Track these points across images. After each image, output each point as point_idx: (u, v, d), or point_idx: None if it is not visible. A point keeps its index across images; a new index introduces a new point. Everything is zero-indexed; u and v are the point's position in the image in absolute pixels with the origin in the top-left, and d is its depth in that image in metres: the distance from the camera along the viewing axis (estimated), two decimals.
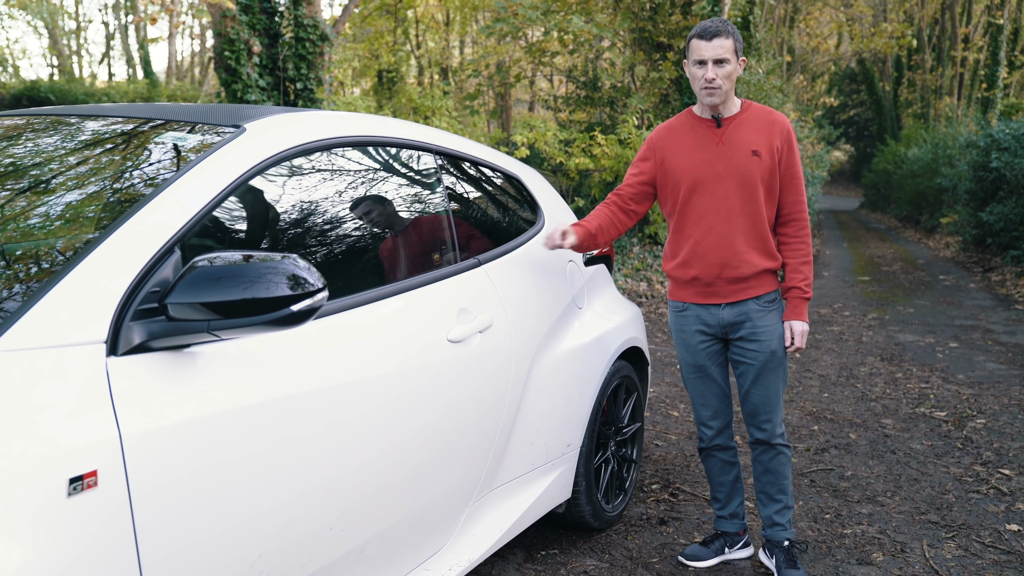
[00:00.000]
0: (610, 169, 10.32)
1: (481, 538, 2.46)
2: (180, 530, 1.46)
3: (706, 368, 2.87)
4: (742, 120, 2.72)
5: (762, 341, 2.75)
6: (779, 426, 2.85)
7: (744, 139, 2.69)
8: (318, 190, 2.04)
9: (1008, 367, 6.21)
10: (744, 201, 2.69)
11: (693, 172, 2.72)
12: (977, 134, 14.65)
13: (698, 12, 11.55)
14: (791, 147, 2.72)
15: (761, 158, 2.67)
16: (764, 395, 2.81)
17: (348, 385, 1.85)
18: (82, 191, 1.78)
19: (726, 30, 2.60)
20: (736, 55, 2.63)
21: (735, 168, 2.68)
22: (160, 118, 2.06)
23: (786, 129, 2.72)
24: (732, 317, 2.77)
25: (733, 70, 2.63)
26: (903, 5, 28.70)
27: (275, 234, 1.91)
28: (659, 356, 6.55)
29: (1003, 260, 11.82)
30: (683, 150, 2.76)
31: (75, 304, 1.40)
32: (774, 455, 2.86)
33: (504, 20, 11.60)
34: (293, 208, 1.97)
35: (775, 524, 2.88)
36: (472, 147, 2.83)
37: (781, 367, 2.80)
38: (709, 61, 2.60)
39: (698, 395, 2.93)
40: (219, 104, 2.27)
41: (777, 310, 2.79)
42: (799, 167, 2.75)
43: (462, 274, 2.42)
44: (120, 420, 1.37)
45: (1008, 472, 3.92)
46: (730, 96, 2.70)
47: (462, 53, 29.03)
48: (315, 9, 9.38)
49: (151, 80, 20.15)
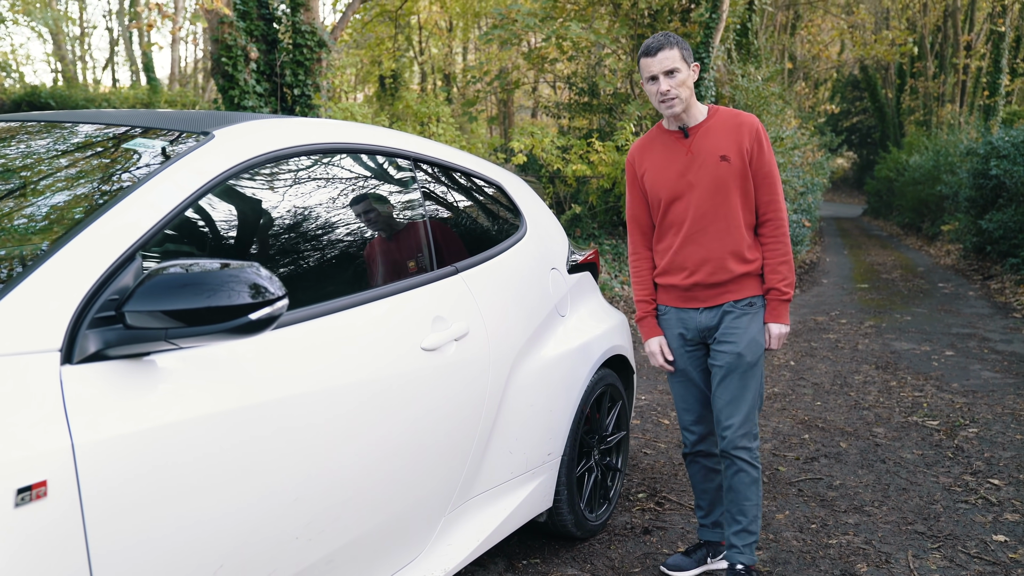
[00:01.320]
0: (607, 176, 10.31)
1: (458, 547, 2.45)
2: (135, 542, 1.44)
3: (687, 372, 2.85)
4: (709, 127, 2.72)
5: (731, 343, 2.72)
6: (742, 438, 2.71)
7: (712, 145, 2.69)
8: (288, 197, 2.03)
9: (1003, 376, 6.18)
10: (717, 207, 2.68)
11: (668, 186, 2.74)
12: (978, 141, 14.62)
13: (696, 19, 11.56)
14: (761, 146, 2.70)
15: (731, 162, 2.67)
16: (726, 398, 2.72)
17: (315, 393, 1.83)
18: (43, 198, 1.77)
19: (668, 42, 2.62)
20: (686, 62, 2.64)
21: (706, 176, 2.68)
22: (131, 125, 2.05)
23: (754, 129, 2.70)
24: (709, 321, 2.76)
25: (686, 77, 2.64)
26: (906, 12, 28.69)
27: (243, 242, 1.90)
28: (650, 365, 6.52)
29: (1002, 268, 11.79)
30: (657, 166, 2.78)
31: (29, 312, 1.38)
32: (734, 470, 2.73)
33: (503, 27, 11.61)
34: (262, 215, 1.96)
35: (732, 545, 2.77)
36: (451, 154, 2.82)
37: (749, 373, 2.71)
38: (659, 75, 2.62)
39: (680, 399, 2.91)
40: (191, 111, 2.27)
41: (753, 314, 2.74)
42: (772, 166, 2.73)
43: (438, 282, 2.41)
44: (73, 429, 1.36)
45: (997, 482, 3.89)
46: (692, 104, 2.71)
47: (465, 59, 29.09)
48: (313, 15, 9.40)
49: (152, 86, 20.20)
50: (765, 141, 2.72)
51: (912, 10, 28.46)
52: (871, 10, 25.56)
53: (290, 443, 1.76)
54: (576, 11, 12.23)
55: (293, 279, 1.99)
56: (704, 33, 11.30)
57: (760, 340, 2.74)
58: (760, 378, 2.76)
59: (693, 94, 2.70)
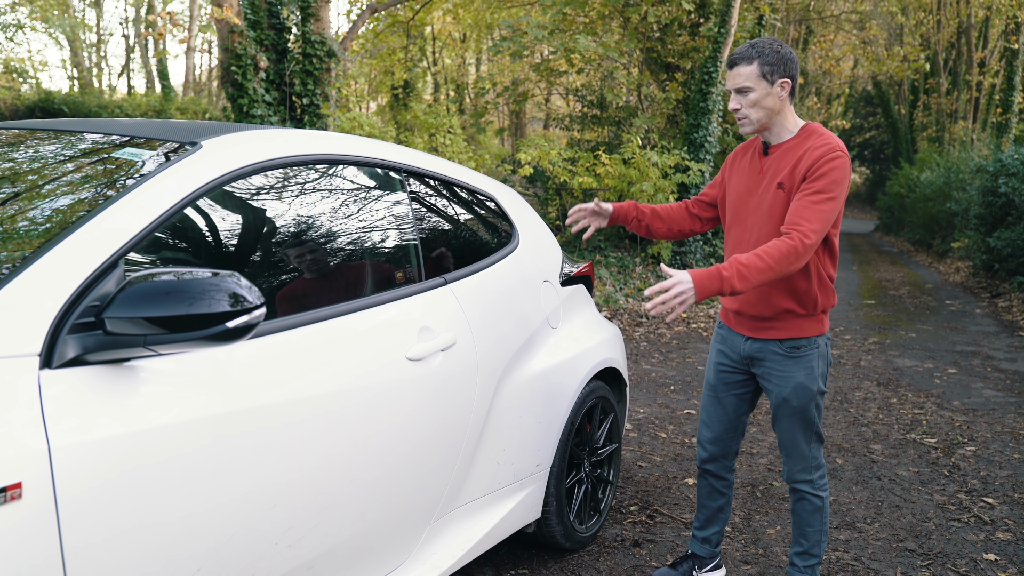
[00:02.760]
0: (614, 188, 10.33)
1: (442, 556, 2.46)
2: (111, 545, 1.47)
3: (718, 391, 2.81)
4: (788, 148, 2.53)
5: (775, 384, 2.64)
6: (800, 472, 2.70)
7: (780, 169, 2.52)
8: (274, 208, 2.06)
9: (1005, 394, 6.15)
10: (768, 236, 2.52)
11: (734, 203, 2.66)
12: (988, 159, 14.58)
13: (706, 33, 11.60)
14: (815, 175, 2.40)
15: (784, 191, 2.49)
16: (780, 437, 2.72)
17: (297, 401, 1.86)
18: (28, 205, 1.80)
19: (749, 55, 2.46)
20: (766, 79, 2.45)
21: (764, 202, 2.55)
22: (119, 134, 2.09)
23: (814, 156, 2.42)
24: (752, 351, 2.67)
25: (761, 96, 2.46)
26: (919, 29, 28.65)
27: (228, 251, 1.93)
28: (654, 377, 6.53)
29: (1010, 286, 11.73)
30: (736, 175, 2.68)
31: (9, 316, 1.42)
32: (797, 498, 2.75)
33: (513, 39, 11.68)
34: (247, 225, 1.99)
35: (793, 564, 2.80)
36: (442, 165, 2.85)
37: (796, 417, 2.63)
38: (732, 91, 2.51)
39: (705, 413, 2.86)
40: (183, 121, 2.31)
41: (800, 358, 2.60)
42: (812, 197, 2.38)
43: (425, 293, 2.43)
44: (50, 433, 1.38)
45: (992, 501, 3.88)
46: (776, 122, 2.53)
47: (478, 70, 29.22)
48: (323, 26, 9.48)
49: (166, 93, 20.38)
50: (821, 169, 2.40)
51: (926, 26, 28.41)
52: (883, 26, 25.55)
53: (271, 449, 1.78)
54: (586, 24, 12.29)
55: (277, 288, 2.02)
56: (713, 47, 11.33)
57: (810, 385, 2.60)
58: (813, 417, 2.65)
59: (779, 112, 2.50)
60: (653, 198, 9.96)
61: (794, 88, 2.51)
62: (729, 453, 2.86)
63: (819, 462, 2.71)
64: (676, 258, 11.14)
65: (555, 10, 11.44)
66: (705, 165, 10.98)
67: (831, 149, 2.43)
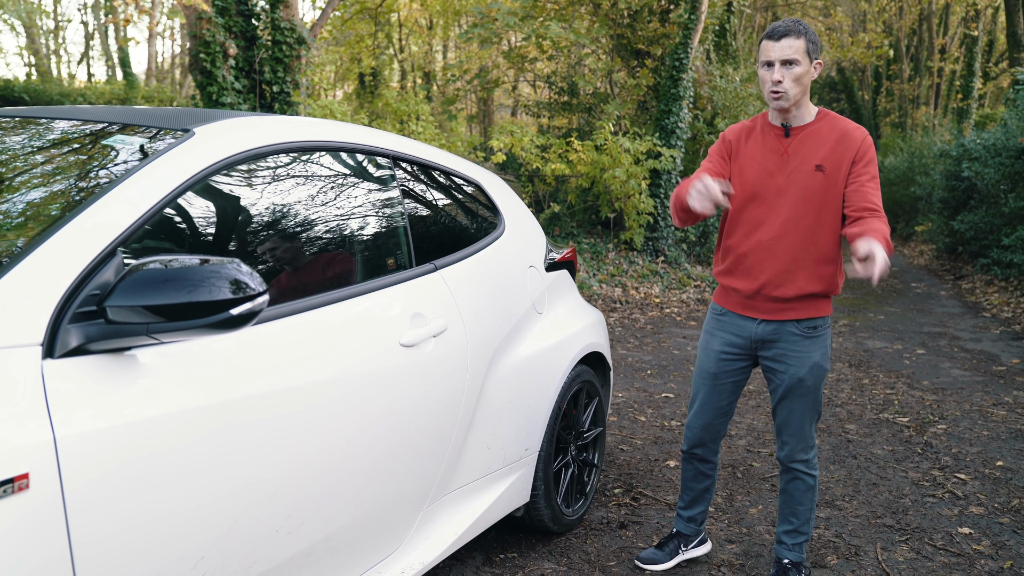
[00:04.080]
0: (586, 175, 10.37)
1: (435, 541, 2.48)
2: (117, 534, 1.46)
3: (719, 379, 2.78)
4: (813, 131, 2.55)
5: (790, 366, 2.64)
6: (800, 452, 2.73)
7: (810, 152, 2.52)
8: (268, 195, 2.05)
9: (972, 373, 6.29)
10: (800, 218, 2.53)
11: (753, 181, 2.60)
12: (951, 144, 14.84)
13: (676, 19, 11.65)
14: (865, 159, 2.49)
15: (825, 174, 2.50)
16: (786, 418, 2.73)
17: (295, 389, 1.86)
18: (23, 194, 1.78)
19: (797, 29, 2.44)
20: (809, 56, 2.45)
21: (796, 183, 2.53)
22: (109, 121, 2.06)
23: (857, 141, 2.50)
24: (765, 334, 2.67)
25: (804, 72, 2.46)
26: (882, 15, 29.00)
27: (224, 238, 1.92)
28: (630, 361, 6.59)
29: (973, 268, 11.97)
30: (748, 155, 2.63)
31: (10, 306, 1.40)
32: (790, 478, 2.79)
33: (483, 25, 11.64)
34: (242, 212, 1.98)
35: (781, 541, 2.84)
36: (429, 152, 2.85)
37: (808, 397, 2.66)
38: (776, 62, 2.45)
39: (699, 401, 2.85)
40: (171, 108, 2.28)
41: (816, 337, 2.63)
42: (875, 177, 2.51)
43: (417, 279, 2.44)
44: (55, 423, 1.38)
45: (964, 476, 3.98)
46: (802, 103, 2.54)
47: (445, 57, 29.07)
48: (292, 12, 9.38)
49: (129, 81, 20.03)
50: (870, 152, 2.51)
51: (888, 13, 28.77)
52: (848, 13, 25.80)
53: (270, 437, 1.78)
54: (556, 10, 12.28)
55: (273, 275, 2.01)
56: (683, 34, 11.39)
57: (824, 364, 2.65)
58: (819, 397, 2.70)
59: (807, 92, 2.52)
60: (626, 184, 10.02)
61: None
62: (718, 437, 2.90)
63: (814, 442, 2.76)
64: (648, 243, 11.21)
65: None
66: (676, 151, 11.05)
67: (865, 133, 2.54)
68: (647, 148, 10.36)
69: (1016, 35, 18.56)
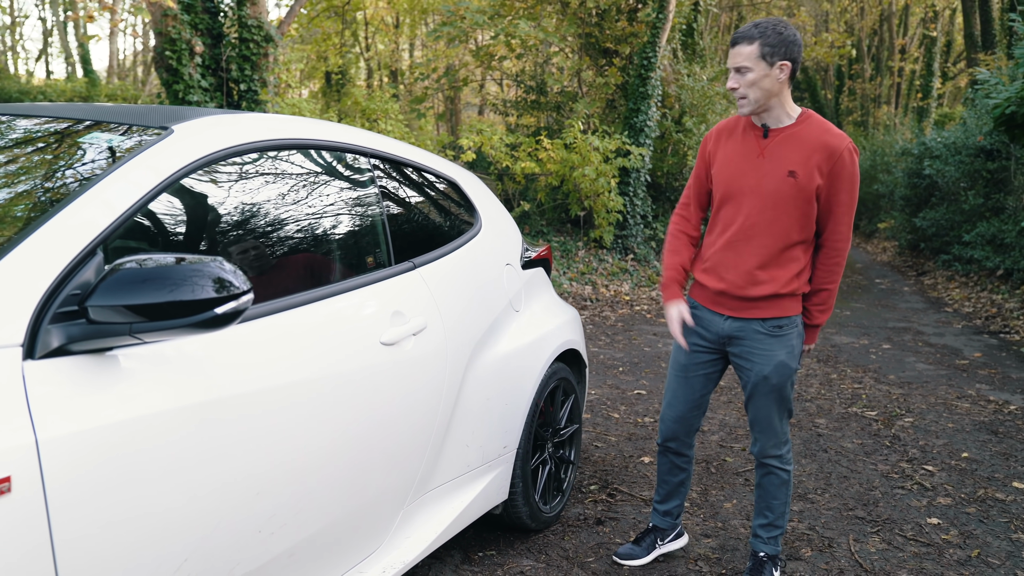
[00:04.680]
0: (556, 173, 10.39)
1: (416, 540, 2.47)
2: (101, 536, 1.44)
3: (689, 371, 2.81)
4: (791, 134, 2.55)
5: (755, 363, 2.67)
6: (772, 448, 2.76)
7: (786, 156, 2.53)
8: (248, 193, 2.04)
9: (936, 367, 6.42)
10: (769, 222, 2.55)
11: (728, 181, 2.63)
12: (912, 142, 15.10)
13: (644, 18, 11.72)
14: (839, 174, 2.51)
15: (797, 180, 2.51)
16: (755, 414, 2.76)
17: (278, 388, 1.85)
18: (1, 192, 1.75)
19: (751, 35, 2.46)
20: (765, 60, 2.45)
21: (767, 186, 2.55)
22: (86, 118, 2.03)
23: (836, 153, 2.50)
24: (732, 331, 2.70)
25: (760, 77, 2.47)
26: (844, 16, 29.42)
27: (203, 237, 1.91)
28: (602, 359, 6.62)
29: (935, 264, 12.19)
30: (727, 156, 2.66)
31: None
32: (764, 472, 2.82)
33: (451, 24, 11.62)
34: (222, 211, 1.96)
35: (756, 535, 2.87)
36: (408, 150, 2.84)
37: (774, 394, 2.69)
38: (730, 69, 2.50)
39: (671, 393, 2.88)
40: (148, 105, 2.25)
41: (782, 336, 2.66)
42: (846, 195, 2.54)
43: (396, 277, 2.43)
44: (36, 425, 1.35)
45: (932, 468, 4.06)
46: (774, 105, 2.54)
47: (412, 56, 28.96)
48: (260, 10, 9.29)
49: (91, 79, 19.70)
50: (849, 165, 2.51)
51: (850, 13, 29.21)
52: (811, 13, 26.15)
53: (253, 437, 1.77)
54: (525, 9, 12.30)
55: (252, 274, 2.00)
56: (651, 33, 11.46)
57: (790, 363, 2.67)
58: (789, 394, 2.73)
59: (778, 95, 2.51)
60: (595, 182, 10.06)
61: (795, 71, 2.52)
62: (691, 431, 2.92)
63: (787, 437, 2.79)
64: (618, 241, 11.26)
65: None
66: (645, 149, 11.12)
67: (844, 146, 2.50)
68: (616, 146, 10.41)
69: (973, 36, 18.93)
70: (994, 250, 9.84)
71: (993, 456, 4.26)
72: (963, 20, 20.32)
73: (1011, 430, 4.73)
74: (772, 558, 2.85)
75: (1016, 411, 5.14)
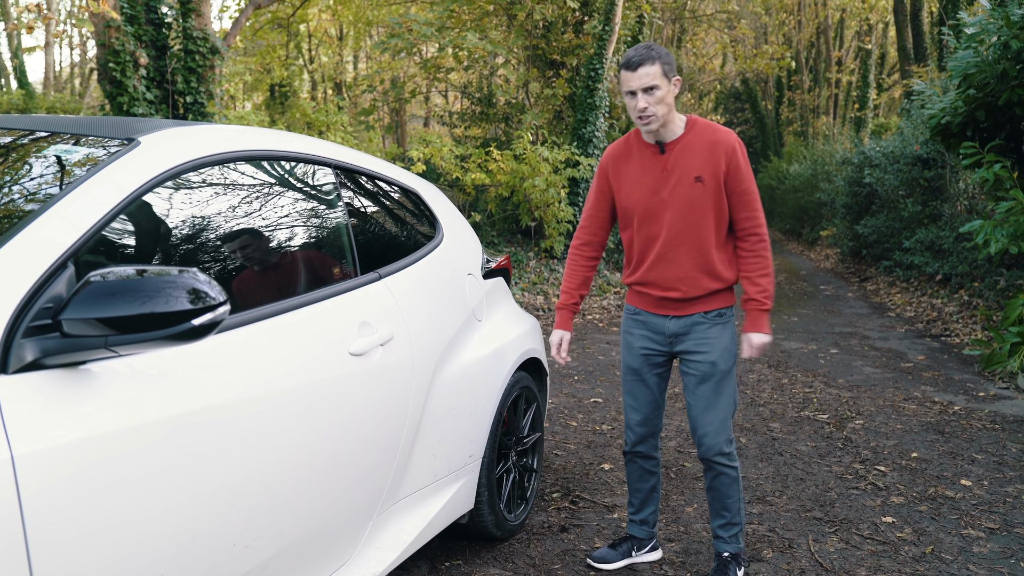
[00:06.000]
0: (506, 184, 10.44)
1: (385, 551, 2.46)
2: (77, 552, 1.42)
3: (641, 372, 2.90)
4: (686, 143, 2.70)
5: (704, 352, 2.78)
6: (720, 445, 2.80)
7: (687, 164, 2.67)
8: (216, 205, 2.02)
9: (882, 371, 6.59)
10: (690, 227, 2.70)
11: (641, 202, 2.74)
12: (851, 151, 15.51)
13: (590, 31, 11.86)
14: (737, 165, 2.68)
15: (705, 183, 2.66)
16: (701, 408, 2.80)
17: (249, 400, 1.83)
18: None
19: (650, 56, 2.58)
20: (667, 78, 2.61)
21: (679, 196, 2.68)
22: (48, 130, 2.00)
23: (729, 148, 2.67)
24: (678, 328, 2.81)
25: (665, 94, 2.61)
26: (782, 28, 30.14)
27: (173, 249, 1.88)
28: (556, 368, 6.65)
29: (877, 270, 12.52)
30: (631, 179, 2.77)
31: None
32: (715, 475, 2.85)
33: (399, 36, 11.62)
34: (191, 223, 1.94)
35: (718, 536, 2.92)
36: (371, 162, 2.84)
37: (723, 381, 2.79)
38: (638, 91, 2.59)
39: (630, 397, 2.95)
40: (112, 117, 2.22)
41: (724, 324, 2.80)
42: (748, 183, 2.72)
43: (363, 288, 2.42)
44: (11, 440, 1.32)
45: (883, 468, 4.17)
46: (670, 119, 2.68)
47: (356, 68, 28.82)
48: (205, 21, 9.17)
49: (27, 91, 19.19)
50: (742, 158, 2.69)
51: (788, 26, 29.92)
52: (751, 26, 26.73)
53: (225, 448, 1.75)
54: (472, 21, 12.35)
55: (224, 285, 1.98)
56: (598, 45, 11.60)
57: (733, 348, 2.81)
58: (734, 385, 2.83)
59: (672, 109, 2.66)
60: (545, 192, 10.12)
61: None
62: (655, 432, 2.97)
63: (732, 435, 2.87)
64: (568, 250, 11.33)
65: (443, 7, 11.44)
66: (594, 159, 11.24)
67: (733, 141, 2.70)
68: (565, 157, 10.50)
69: (906, 49, 19.55)
70: (933, 256, 10.15)
71: (941, 455, 4.39)
72: (896, 33, 20.97)
73: (956, 430, 4.88)
74: (735, 556, 2.90)
75: (960, 411, 5.31)
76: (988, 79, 5.97)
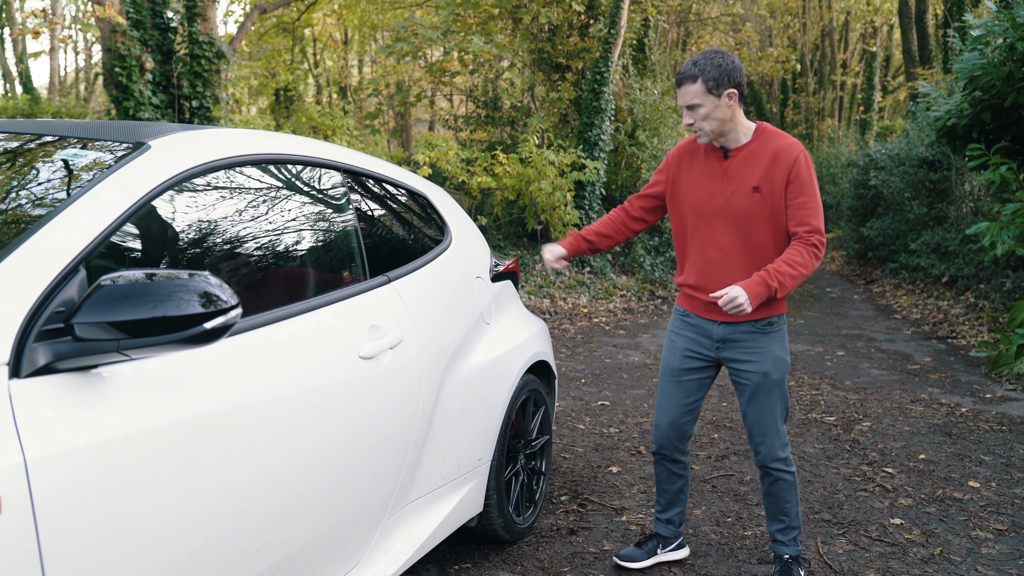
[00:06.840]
0: (512, 188, 10.44)
1: (395, 554, 2.46)
2: (89, 556, 1.42)
3: (681, 375, 2.88)
4: (750, 152, 2.66)
5: (754, 362, 2.75)
6: (777, 450, 2.81)
7: (747, 174, 2.64)
8: (226, 208, 2.02)
9: (889, 373, 6.57)
10: (744, 238, 2.67)
11: (696, 203, 2.73)
12: (857, 154, 15.49)
13: (595, 34, 11.86)
14: (798, 177, 2.60)
15: (762, 194, 2.62)
16: (757, 417, 2.79)
17: (259, 404, 1.83)
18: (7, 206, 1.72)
19: (692, 74, 2.58)
20: (712, 94, 2.57)
21: (735, 205, 2.66)
22: (57, 134, 2.01)
23: (791, 160, 2.61)
24: (725, 333, 2.78)
25: (712, 110, 2.59)
26: (787, 31, 30.11)
27: (184, 253, 1.89)
28: (563, 371, 6.65)
29: (883, 272, 12.50)
30: (692, 177, 2.76)
31: None
32: (772, 480, 2.86)
33: (404, 40, 11.64)
34: (202, 227, 1.94)
35: (776, 540, 2.92)
36: (379, 165, 2.85)
37: (776, 391, 2.77)
38: (683, 108, 2.63)
39: (663, 398, 2.93)
40: (121, 121, 2.23)
41: (773, 332, 2.76)
42: (808, 196, 2.61)
43: (372, 291, 2.43)
44: (25, 445, 1.33)
45: (891, 470, 4.16)
46: (730, 128, 2.65)
47: (361, 72, 28.88)
48: (210, 26, 9.20)
49: (32, 96, 19.26)
50: (804, 169, 2.61)
51: (792, 29, 29.89)
52: (756, 28, 26.72)
53: (236, 452, 1.75)
54: (477, 25, 12.36)
55: (234, 289, 1.98)
56: (603, 48, 11.61)
57: (784, 356, 2.78)
58: (786, 391, 2.81)
59: (729, 119, 2.62)
60: (551, 196, 10.13)
61: (743, 94, 2.63)
62: (684, 437, 2.96)
63: (786, 440, 2.85)
64: None
65: (448, 11, 11.47)
66: (600, 163, 11.24)
67: (797, 152, 2.62)
68: (571, 160, 10.50)
69: (911, 51, 19.52)
70: (939, 258, 10.13)
71: (949, 457, 4.38)
72: (901, 36, 20.95)
73: (964, 431, 4.87)
74: (796, 559, 2.91)
75: (967, 413, 5.30)
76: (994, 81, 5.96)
